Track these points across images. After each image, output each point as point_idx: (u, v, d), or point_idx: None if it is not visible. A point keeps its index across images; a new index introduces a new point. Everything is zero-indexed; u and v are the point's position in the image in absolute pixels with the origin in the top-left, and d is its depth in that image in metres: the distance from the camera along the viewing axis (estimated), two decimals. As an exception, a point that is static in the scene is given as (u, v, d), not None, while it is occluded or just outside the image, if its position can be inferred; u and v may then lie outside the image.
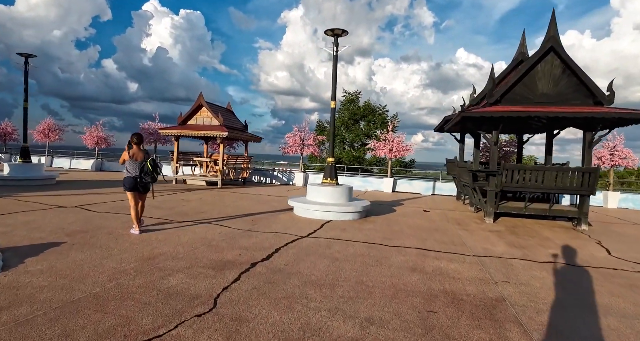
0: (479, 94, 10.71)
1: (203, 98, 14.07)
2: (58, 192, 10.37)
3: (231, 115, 15.90)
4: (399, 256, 5.15)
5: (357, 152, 27.46)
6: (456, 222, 8.54)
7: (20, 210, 7.19)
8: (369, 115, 28.56)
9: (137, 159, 5.94)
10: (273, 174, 17.62)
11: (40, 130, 22.01)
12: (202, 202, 9.63)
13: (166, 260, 4.46)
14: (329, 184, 8.65)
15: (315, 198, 8.38)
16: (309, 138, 16.56)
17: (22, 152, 12.26)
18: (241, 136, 14.91)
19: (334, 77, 8.74)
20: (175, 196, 10.52)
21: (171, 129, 14.11)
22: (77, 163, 22.06)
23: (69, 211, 7.37)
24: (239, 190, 13.31)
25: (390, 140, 15.58)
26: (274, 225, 6.87)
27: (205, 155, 16.52)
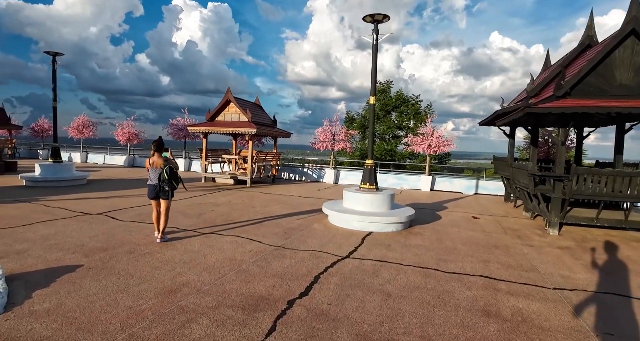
0: (539, 83, 9.40)
1: (231, 94, 13.49)
2: (86, 193, 10.16)
3: (260, 110, 15.26)
4: (464, 289, 4.27)
5: (389, 145, 26.27)
6: (514, 233, 7.48)
7: (43, 219, 6.86)
8: (402, 106, 27.18)
9: (156, 167, 5.75)
10: (302, 171, 16.94)
11: (75, 126, 22.39)
12: (231, 206, 9.06)
13: (190, 293, 3.82)
14: (368, 190, 7.80)
15: (353, 205, 7.56)
16: (340, 133, 15.68)
17: (53, 152, 12.19)
18: (270, 132, 14.27)
19: (374, 68, 7.79)
20: (203, 198, 10.04)
21: (199, 126, 13.66)
22: (110, 159, 22.36)
23: (92, 220, 6.97)
24: (269, 189, 12.72)
25: (428, 134, 14.42)
26: (308, 240, 6.14)
27: (234, 151, 16.05)
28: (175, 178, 5.81)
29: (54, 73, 11.85)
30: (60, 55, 11.86)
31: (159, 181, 5.72)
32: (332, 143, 15.63)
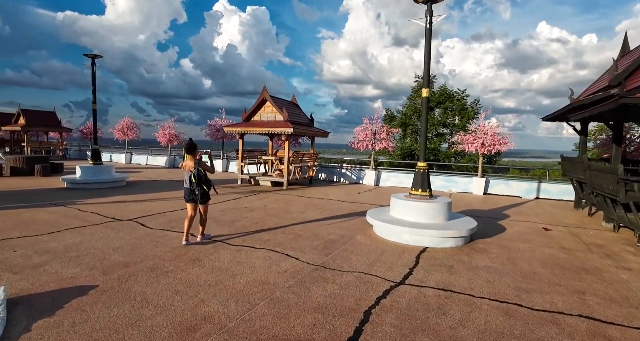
0: (624, 70, 7.85)
1: (267, 93, 12.91)
2: (122, 196, 9.97)
3: (296, 109, 14.59)
4: (566, 340, 3.21)
5: (432, 144, 24.71)
6: (601, 250, 6.15)
7: (73, 226, 6.54)
8: (446, 102, 25.49)
9: (188, 170, 5.66)
10: (340, 172, 16.08)
11: (119, 128, 23.06)
12: (266, 211, 8.40)
13: (211, 333, 3.10)
14: (420, 197, 6.77)
15: (403, 214, 6.58)
16: (381, 132, 14.63)
17: (93, 154, 12.25)
18: (307, 131, 13.54)
19: (427, 56, 6.74)
20: (238, 201, 9.49)
21: (235, 127, 13.23)
22: (152, 160, 22.78)
23: (121, 227, 6.55)
24: (306, 192, 11.99)
25: (481, 131, 13.00)
26: (353, 257, 5.27)
27: (271, 152, 15.51)
28: (203, 181, 5.61)
29: (93, 75, 11.87)
30: (99, 57, 11.85)
31: (190, 184, 5.62)
32: (372, 143, 14.62)
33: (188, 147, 5.70)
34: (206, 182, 5.72)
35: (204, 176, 5.66)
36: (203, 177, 5.64)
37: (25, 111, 23.40)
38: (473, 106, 25.69)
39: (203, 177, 5.64)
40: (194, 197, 5.66)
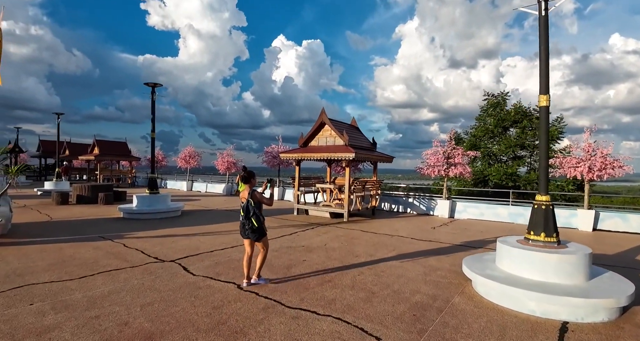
0: None
1: (325, 115, 11.87)
2: (174, 229, 9.25)
3: (357, 132, 13.35)
4: None
5: (509, 168, 21.82)
6: None
7: (109, 268, 5.70)
8: (524, 121, 22.64)
9: (242, 201, 5.01)
10: (407, 201, 14.28)
11: (182, 157, 23.63)
12: (327, 252, 7.00)
13: None
14: (545, 245, 4.91)
15: (520, 269, 4.75)
16: (456, 155, 12.73)
17: (149, 184, 11.96)
18: (370, 156, 12.14)
19: (544, 53, 5.10)
20: (294, 238, 8.23)
21: (291, 153, 12.28)
22: (211, 188, 22.82)
23: (160, 272, 5.56)
24: (370, 225, 10.43)
25: (588, 152, 10.56)
26: (459, 338, 3.62)
27: (329, 179, 14.30)
28: (252, 215, 4.87)
29: (152, 104, 11.78)
30: (159, 86, 11.79)
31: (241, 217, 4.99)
32: (445, 168, 12.75)
33: (243, 176, 5.05)
34: (256, 216, 4.84)
35: (255, 209, 4.86)
36: (253, 209, 4.85)
37: (99, 141, 25.10)
38: (555, 124, 22.50)
39: (253, 209, 4.85)
40: (245, 231, 4.96)
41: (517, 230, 10.42)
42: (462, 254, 7.12)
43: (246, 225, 4.91)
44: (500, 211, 12.37)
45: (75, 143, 32.10)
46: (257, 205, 4.94)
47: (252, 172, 5.13)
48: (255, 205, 4.90)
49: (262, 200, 4.94)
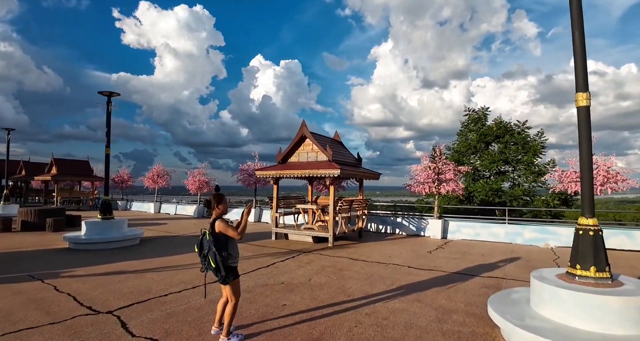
0: None
1: (306, 128, 10.73)
2: (125, 263, 7.67)
3: (341, 147, 12.26)
4: None
5: (494, 184, 21.26)
6: None
7: (19, 327, 4.15)
8: (505, 136, 22.34)
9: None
10: (395, 221, 13.16)
11: (150, 176, 21.80)
12: (313, 291, 5.66)
13: None
14: (596, 282, 3.80)
15: (569, 317, 3.60)
16: (447, 171, 11.80)
17: (102, 207, 10.30)
18: (356, 172, 11.01)
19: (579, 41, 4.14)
20: (272, 271, 6.85)
21: (268, 170, 10.99)
22: (182, 210, 21.01)
23: (87, 333, 4.07)
24: (359, 251, 9.18)
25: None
26: None
27: (310, 199, 13.03)
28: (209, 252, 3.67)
29: (108, 115, 10.29)
30: (115, 95, 10.35)
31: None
32: (437, 185, 11.77)
33: (206, 200, 3.91)
34: (214, 254, 3.65)
35: (213, 244, 3.65)
36: (209, 244, 3.67)
37: (57, 160, 22.92)
38: (537, 139, 22.30)
39: (209, 244, 3.67)
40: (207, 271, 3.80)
41: (519, 252, 9.45)
42: (473, 287, 5.96)
43: (203, 264, 3.74)
44: (496, 230, 11.43)
45: (33, 162, 29.45)
46: (219, 239, 3.66)
47: (219, 196, 3.89)
48: (215, 239, 3.63)
49: (226, 231, 3.65)
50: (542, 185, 21.75)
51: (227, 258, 3.69)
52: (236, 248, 3.81)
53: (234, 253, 3.75)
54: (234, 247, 3.78)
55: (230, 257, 3.72)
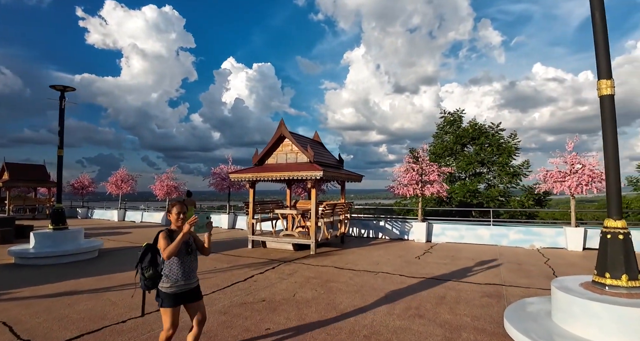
0: None
1: (285, 128, 10.02)
2: (80, 280, 6.65)
3: (321, 148, 11.63)
4: None
5: (471, 185, 21.34)
6: None
7: None
8: (481, 138, 22.53)
9: None
10: (377, 225, 12.66)
11: (113, 181, 20.29)
12: (299, 309, 4.96)
13: None
14: (630, 293, 3.33)
15: (602, 333, 3.12)
16: (430, 172, 11.42)
17: (54, 217, 9.12)
18: (338, 174, 10.40)
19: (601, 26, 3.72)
20: (250, 285, 6.06)
21: (244, 173, 10.17)
22: (148, 217, 19.66)
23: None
24: (344, 258, 8.55)
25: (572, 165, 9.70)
26: None
27: (289, 203, 12.29)
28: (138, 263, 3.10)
29: (61, 112, 9.15)
30: (69, 90, 9.23)
31: None
32: (421, 187, 11.36)
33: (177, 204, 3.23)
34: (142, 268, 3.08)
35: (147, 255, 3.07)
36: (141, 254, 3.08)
37: (9, 165, 20.93)
38: (510, 140, 22.64)
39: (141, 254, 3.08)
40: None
41: (507, 255, 9.17)
42: (473, 296, 5.46)
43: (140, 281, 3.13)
44: (481, 232, 11.15)
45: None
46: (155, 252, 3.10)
47: (173, 202, 3.21)
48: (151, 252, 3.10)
49: (161, 247, 2.97)
50: (515, 186, 22.09)
51: (155, 277, 3.03)
52: (177, 269, 3.03)
53: (170, 274, 3.02)
54: (172, 266, 3.03)
55: (165, 280, 3.03)
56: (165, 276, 3.03)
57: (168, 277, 3.02)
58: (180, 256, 3.02)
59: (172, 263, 3.02)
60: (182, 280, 3.02)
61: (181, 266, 3.03)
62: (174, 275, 3.01)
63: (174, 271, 3.01)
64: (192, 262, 3.11)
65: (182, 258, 3.04)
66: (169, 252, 2.88)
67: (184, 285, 3.03)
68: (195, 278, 3.16)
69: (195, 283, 3.16)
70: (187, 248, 3.07)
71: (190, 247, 3.09)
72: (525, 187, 21.42)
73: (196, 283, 3.17)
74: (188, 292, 3.08)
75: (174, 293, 3.01)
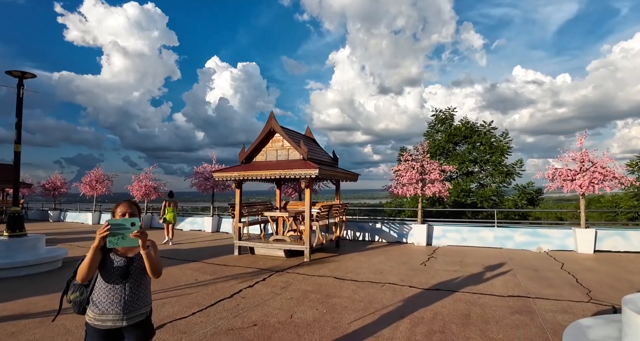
0: None
1: (276, 121, 9.09)
2: (34, 298, 5.56)
3: (314, 144, 10.73)
4: None
5: (464, 185, 20.84)
6: None
7: None
8: (474, 136, 22.08)
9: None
10: (374, 227, 11.85)
11: (87, 182, 18.88)
12: (298, 334, 4.05)
13: None
14: None
15: None
16: (432, 170, 10.68)
17: (10, 222, 7.92)
18: (334, 173, 9.52)
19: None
20: (238, 303, 5.12)
21: (229, 171, 9.18)
22: (125, 219, 18.30)
23: None
24: (342, 266, 7.68)
25: (579, 161, 9.11)
26: None
27: (279, 204, 11.35)
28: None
29: (19, 101, 7.96)
30: (28, 77, 8.06)
31: None
32: (422, 186, 10.60)
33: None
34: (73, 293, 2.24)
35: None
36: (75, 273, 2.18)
37: (-29, 165, 19.25)
38: (502, 139, 22.27)
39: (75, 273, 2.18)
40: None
41: (517, 258, 8.52)
42: (501, 313, 4.67)
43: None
44: (484, 234, 10.47)
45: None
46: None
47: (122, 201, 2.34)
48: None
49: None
50: (507, 186, 21.73)
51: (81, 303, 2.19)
52: (104, 298, 2.14)
53: (97, 302, 2.15)
54: (99, 292, 2.16)
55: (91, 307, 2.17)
56: (92, 302, 2.14)
57: (95, 305, 2.13)
58: (110, 282, 2.13)
59: (100, 289, 2.14)
60: (111, 312, 2.12)
61: (109, 294, 2.13)
62: (101, 304, 2.12)
63: (101, 299, 2.12)
64: (132, 290, 2.18)
65: (113, 285, 2.14)
66: (79, 274, 2.04)
67: (114, 320, 2.12)
68: (138, 312, 2.21)
69: (138, 317, 2.21)
70: (123, 270, 2.15)
71: (129, 268, 2.17)
72: (519, 187, 21.08)
73: (139, 317, 2.22)
74: (123, 329, 2.17)
75: (99, 327, 2.12)
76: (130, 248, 2.22)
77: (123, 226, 2.04)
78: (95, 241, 1.99)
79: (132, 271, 2.17)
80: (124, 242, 2.03)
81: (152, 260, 2.14)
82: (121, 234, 2.03)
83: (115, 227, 2.03)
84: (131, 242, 2.04)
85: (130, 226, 2.05)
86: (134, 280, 2.19)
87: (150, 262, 2.13)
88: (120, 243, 2.03)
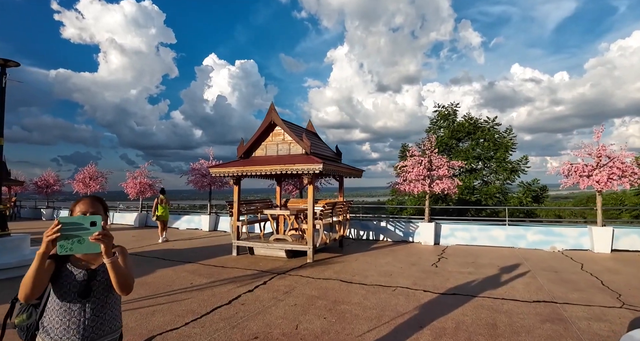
0: None
1: (276, 114, 8.56)
2: (8, 307, 5.02)
3: (316, 139, 10.21)
4: None
5: (468, 182, 20.36)
6: None
7: None
8: (477, 132, 21.58)
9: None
10: (378, 225, 11.36)
11: (80, 179, 18.31)
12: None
13: None
14: None
15: None
16: (440, 166, 10.18)
17: (-9, 221, 7.39)
18: (338, 168, 9.01)
19: None
20: (237, 310, 4.61)
21: (227, 167, 8.64)
22: (120, 218, 17.78)
23: None
24: (347, 267, 7.18)
25: (599, 157, 8.64)
26: None
27: (279, 202, 10.84)
28: None
29: (1, 92, 7.42)
30: (12, 66, 7.50)
31: None
32: (429, 182, 10.10)
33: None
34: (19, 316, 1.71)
35: None
36: None
37: (-41, 162, 18.62)
38: (506, 136, 21.78)
39: None
40: None
41: (532, 259, 8.06)
42: (531, 323, 4.17)
43: None
44: (495, 233, 9.99)
45: None
46: None
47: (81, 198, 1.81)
48: None
49: None
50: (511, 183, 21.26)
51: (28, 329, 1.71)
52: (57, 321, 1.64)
53: (49, 327, 1.65)
54: (51, 314, 1.67)
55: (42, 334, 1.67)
56: (43, 328, 1.65)
57: (46, 332, 1.63)
58: (66, 301, 1.63)
59: (52, 311, 1.65)
60: (65, 339, 1.61)
61: (64, 317, 1.63)
62: (53, 330, 1.62)
63: (53, 324, 1.63)
64: (94, 312, 1.67)
65: (70, 305, 1.64)
66: (21, 291, 1.56)
67: None
68: (104, 336, 1.70)
69: None
70: (83, 286, 1.66)
71: (90, 283, 1.67)
72: (523, 184, 20.62)
73: None
74: None
75: None
76: (91, 256, 1.71)
77: (80, 226, 1.51)
78: (42, 246, 1.48)
79: (94, 287, 1.66)
80: (80, 248, 1.51)
81: (119, 271, 1.61)
82: (77, 237, 1.50)
83: (69, 227, 1.50)
84: (90, 248, 1.52)
85: (90, 226, 1.52)
86: (97, 299, 1.68)
87: (117, 274, 1.60)
88: (76, 248, 1.51)
